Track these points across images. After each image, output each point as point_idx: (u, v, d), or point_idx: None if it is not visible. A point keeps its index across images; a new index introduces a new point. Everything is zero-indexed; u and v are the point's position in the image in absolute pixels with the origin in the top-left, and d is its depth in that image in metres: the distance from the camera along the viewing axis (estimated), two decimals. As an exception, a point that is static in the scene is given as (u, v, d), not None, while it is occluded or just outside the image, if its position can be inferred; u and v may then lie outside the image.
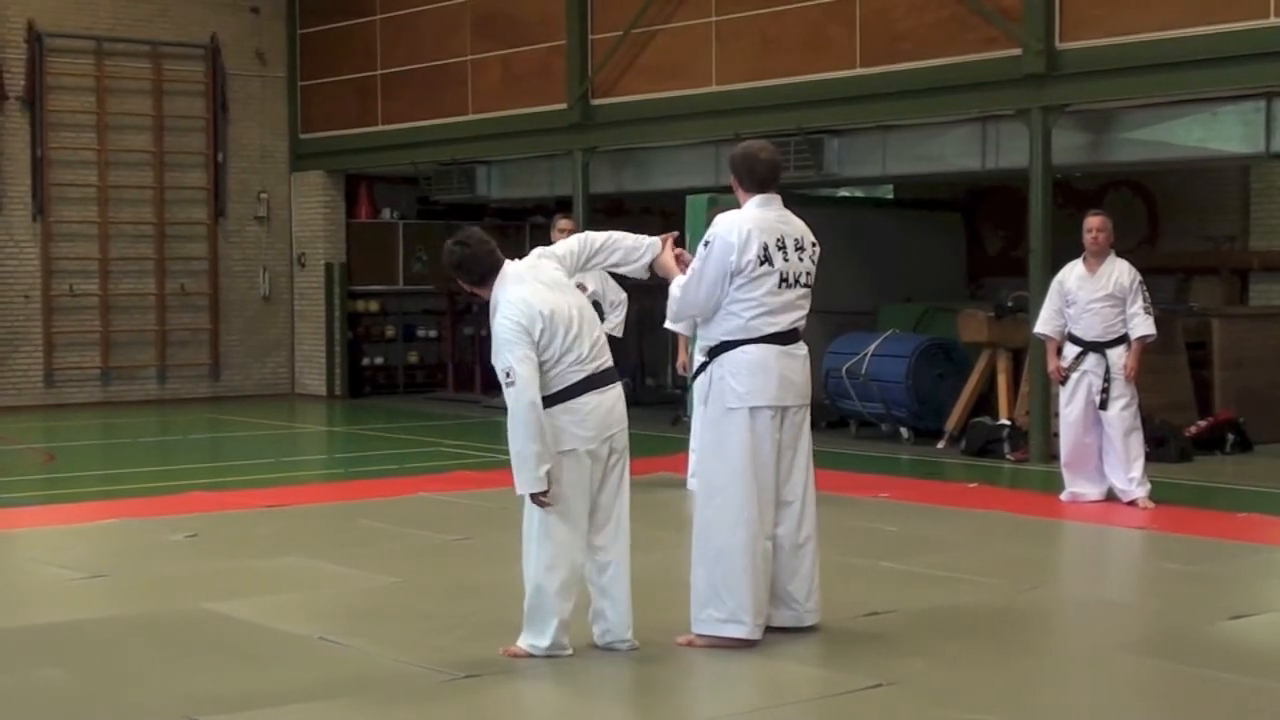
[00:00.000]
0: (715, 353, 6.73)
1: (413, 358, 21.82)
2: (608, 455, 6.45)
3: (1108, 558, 9.75)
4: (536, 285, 6.40)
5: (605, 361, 6.51)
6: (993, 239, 18.85)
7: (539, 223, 20.78)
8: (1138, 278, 10.81)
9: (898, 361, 14.84)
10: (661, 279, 6.88)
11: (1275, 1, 12.08)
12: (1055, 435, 12.11)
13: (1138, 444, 10.84)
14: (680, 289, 6.74)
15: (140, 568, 8.74)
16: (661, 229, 10.08)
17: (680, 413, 15.31)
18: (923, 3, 14.25)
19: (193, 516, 10.32)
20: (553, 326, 6.32)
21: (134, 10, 20.11)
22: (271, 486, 12.10)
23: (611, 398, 6.48)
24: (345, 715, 5.84)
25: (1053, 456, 12.30)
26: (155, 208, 20.32)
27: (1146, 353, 11.04)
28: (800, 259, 6.73)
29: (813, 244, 6.83)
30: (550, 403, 6.32)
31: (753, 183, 6.79)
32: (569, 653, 6.46)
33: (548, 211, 19.26)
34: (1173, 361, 14.21)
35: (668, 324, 10.47)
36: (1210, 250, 17.01)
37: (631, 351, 18.79)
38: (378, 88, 19.93)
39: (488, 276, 6.47)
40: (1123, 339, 10.79)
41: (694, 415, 9.82)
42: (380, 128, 19.95)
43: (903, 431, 15.01)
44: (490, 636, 6.73)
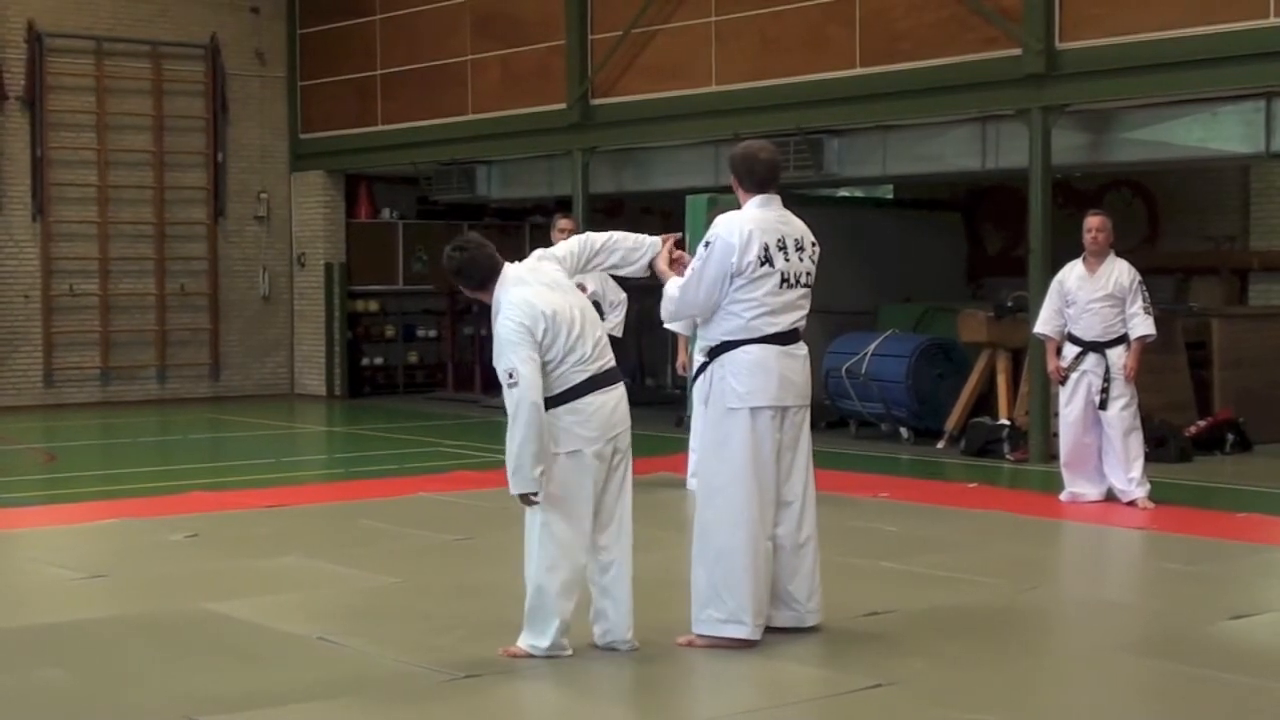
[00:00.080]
0: (716, 353, 6.72)
1: (412, 358, 21.81)
2: (611, 455, 6.45)
3: (1108, 558, 9.75)
4: (538, 286, 6.39)
5: (608, 361, 6.50)
6: (993, 239, 18.85)
7: (539, 223, 20.78)
8: (1137, 278, 10.81)
9: (898, 361, 14.84)
10: (663, 279, 6.88)
11: (1275, 1, 12.08)
12: (1055, 435, 12.11)
13: (1137, 444, 10.84)
14: (679, 289, 6.73)
15: (140, 568, 8.74)
16: (661, 229, 10.08)
17: (683, 414, 15.30)
18: (923, 3, 14.25)
19: (193, 516, 10.32)
20: (555, 327, 6.32)
21: (134, 10, 20.11)
22: (271, 486, 12.09)
23: (615, 397, 6.48)
24: (345, 715, 5.85)
25: (1052, 456, 12.29)
26: (155, 208, 20.32)
27: (1146, 353, 11.04)
28: (800, 259, 6.73)
29: (813, 244, 6.83)
30: (554, 403, 6.32)
31: (752, 183, 6.78)
32: (569, 653, 6.45)
33: (547, 211, 19.26)
34: (1172, 361, 14.21)
35: (665, 322, 10.46)
36: (1210, 250, 17.01)
37: (631, 351, 18.78)
38: (378, 88, 19.93)
39: (489, 280, 6.47)
40: (1122, 339, 10.79)
41: (693, 415, 9.83)
42: (380, 128, 19.95)
43: (903, 431, 15.01)
44: (490, 636, 6.73)
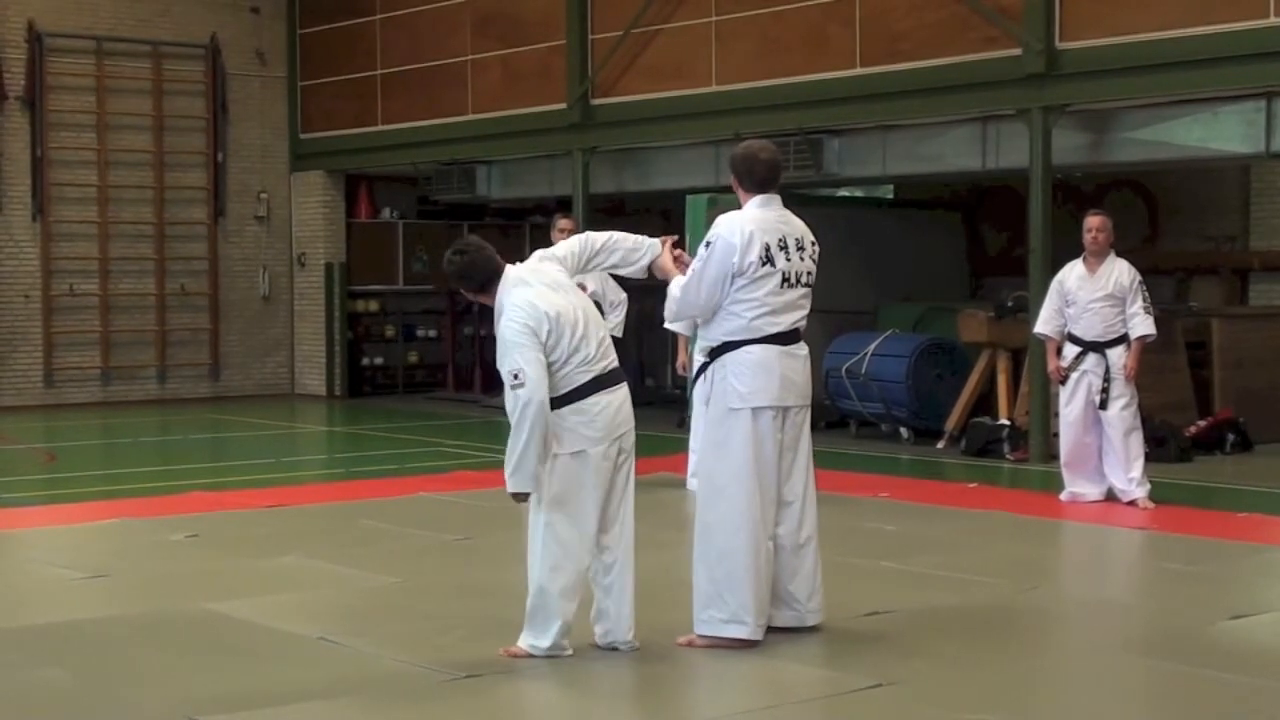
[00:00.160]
0: (717, 353, 6.72)
1: (413, 358, 21.81)
2: (616, 455, 6.44)
3: (1108, 558, 9.75)
4: (540, 288, 6.39)
5: (611, 362, 6.50)
6: (993, 239, 18.85)
7: (539, 223, 20.78)
8: (1137, 277, 10.81)
9: (898, 361, 14.83)
10: (662, 279, 6.87)
11: (1275, 1, 12.08)
12: (1055, 435, 12.11)
13: (1137, 444, 10.84)
14: (680, 289, 6.72)
15: (140, 568, 8.74)
16: (662, 229, 10.07)
17: (684, 414, 15.29)
18: (923, 3, 14.25)
19: (193, 516, 10.32)
20: (559, 328, 6.31)
21: (134, 10, 20.11)
22: (272, 486, 12.09)
23: (619, 398, 6.47)
24: (345, 715, 5.85)
25: (1052, 456, 12.29)
26: (155, 208, 20.32)
27: (1146, 353, 11.04)
28: (801, 259, 6.72)
29: (813, 243, 6.82)
30: (559, 404, 6.31)
31: (753, 183, 6.78)
32: (569, 653, 6.45)
33: (548, 211, 19.25)
34: (1173, 361, 14.21)
35: (666, 323, 10.47)
36: (1210, 250, 17.01)
37: (631, 351, 18.78)
38: (378, 88, 19.93)
39: (490, 282, 6.46)
40: (1122, 339, 10.78)
41: (694, 416, 9.83)
42: (380, 128, 19.95)
43: (903, 431, 15.01)
44: (490, 636, 6.72)
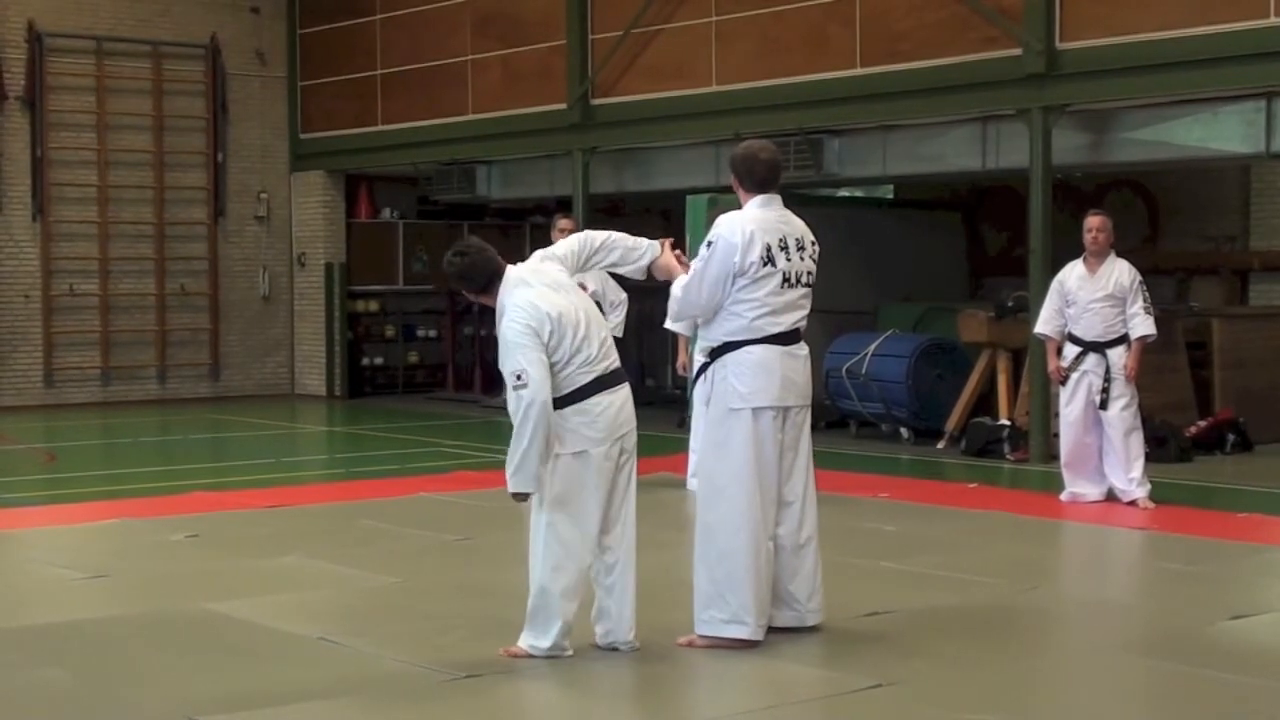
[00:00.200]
0: (717, 353, 6.71)
1: (413, 358, 21.81)
2: (618, 455, 6.44)
3: (1108, 558, 9.75)
4: (542, 288, 6.38)
5: (613, 362, 6.50)
6: (993, 239, 18.85)
7: (539, 223, 20.78)
8: (1138, 278, 10.81)
9: (898, 361, 14.83)
10: (662, 280, 6.87)
11: (1275, 1, 12.08)
12: (1055, 435, 12.11)
13: (1138, 444, 10.84)
14: (682, 289, 6.72)
15: (141, 568, 8.74)
16: (662, 229, 10.07)
17: (684, 414, 15.29)
18: (923, 3, 14.25)
19: (193, 516, 10.32)
20: (561, 329, 6.31)
21: (134, 10, 20.11)
22: (272, 487, 12.09)
23: (621, 398, 6.47)
24: (345, 715, 5.85)
25: (1053, 456, 12.29)
26: (155, 208, 20.32)
27: (1147, 353, 11.03)
28: (802, 259, 6.72)
29: (813, 243, 6.82)
30: (561, 404, 6.30)
31: (753, 183, 6.78)
32: (569, 654, 6.45)
33: (548, 211, 19.26)
34: (1173, 361, 14.21)
35: (668, 324, 10.47)
36: (1210, 250, 17.01)
37: (631, 352, 18.77)
38: (378, 88, 19.93)
39: (491, 283, 6.45)
40: (1123, 339, 10.78)
41: (694, 416, 9.82)
42: (380, 128, 19.95)
43: (903, 431, 15.01)
44: (490, 636, 6.73)
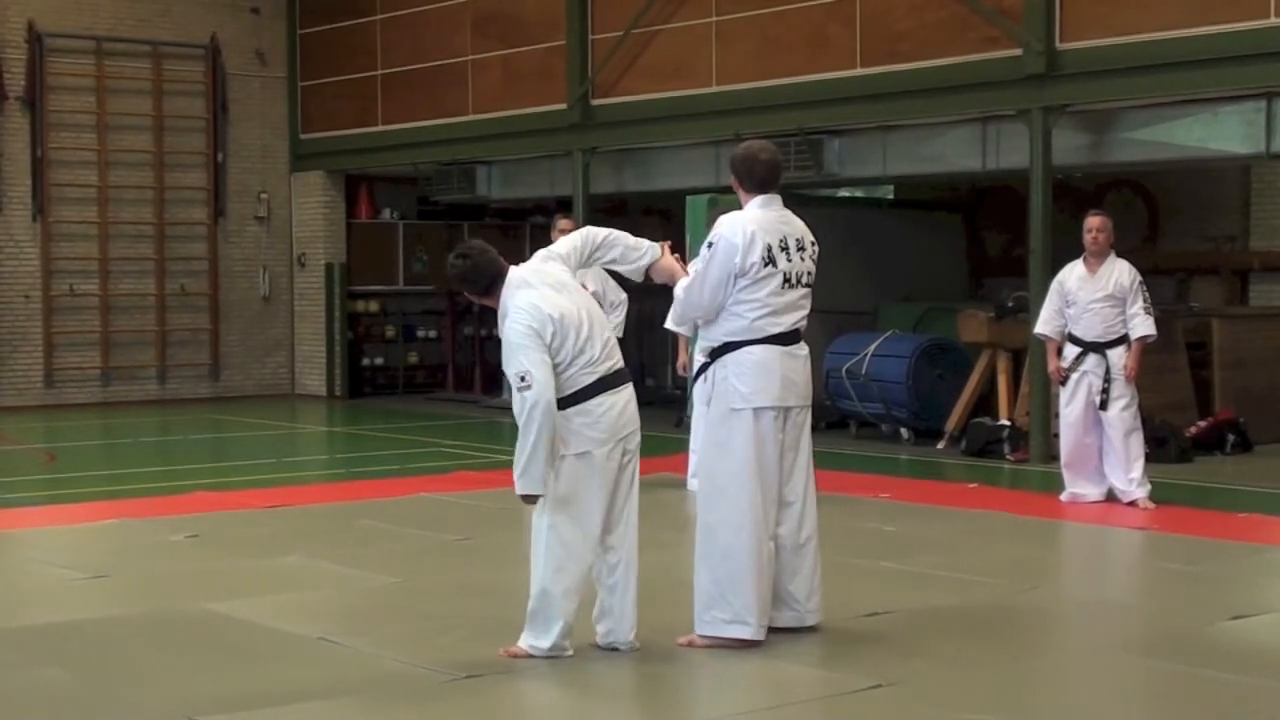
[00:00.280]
0: (718, 354, 6.71)
1: (413, 358, 21.81)
2: (621, 456, 6.43)
3: (1108, 558, 9.75)
4: (544, 289, 6.37)
5: (616, 362, 6.49)
6: (993, 239, 18.85)
7: (539, 223, 20.79)
8: (1138, 278, 10.81)
9: (898, 362, 14.83)
10: (661, 282, 6.86)
11: (1275, 1, 12.08)
12: (1055, 436, 12.11)
13: (1138, 444, 10.83)
14: (683, 290, 6.72)
15: (141, 568, 8.74)
16: (662, 229, 10.07)
17: (683, 414, 15.30)
18: (923, 3, 14.25)
19: (194, 517, 10.32)
20: (563, 330, 6.31)
21: (134, 10, 20.11)
22: (272, 487, 12.09)
23: (624, 398, 6.47)
24: (345, 715, 5.85)
25: (1053, 457, 12.30)
26: (155, 208, 20.32)
27: (1147, 353, 11.03)
28: (802, 259, 6.72)
29: (813, 243, 6.82)
30: (564, 405, 6.29)
31: (753, 183, 6.78)
32: (569, 654, 6.45)
33: (548, 211, 19.26)
34: (1173, 361, 14.21)
35: (669, 324, 10.46)
36: (1210, 250, 17.01)
37: (632, 352, 18.77)
38: (378, 88, 19.93)
39: (494, 285, 6.45)
40: (1123, 339, 10.78)
41: (694, 416, 9.82)
42: (380, 128, 19.95)
43: (903, 432, 15.00)
44: (490, 636, 6.73)
